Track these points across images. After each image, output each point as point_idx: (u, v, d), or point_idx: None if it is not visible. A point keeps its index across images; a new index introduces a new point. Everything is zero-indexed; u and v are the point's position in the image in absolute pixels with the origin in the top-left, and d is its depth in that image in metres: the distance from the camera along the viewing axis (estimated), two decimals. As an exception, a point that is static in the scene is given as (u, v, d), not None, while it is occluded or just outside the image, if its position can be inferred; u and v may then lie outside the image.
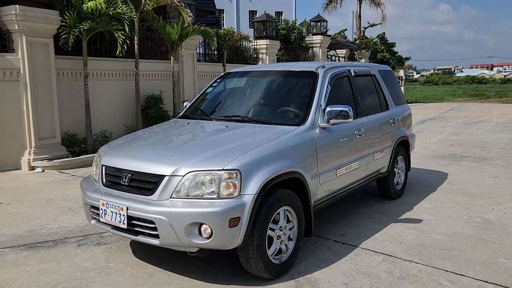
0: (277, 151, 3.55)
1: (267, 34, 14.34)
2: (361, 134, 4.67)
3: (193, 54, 11.61)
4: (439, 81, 74.08)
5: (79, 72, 8.97)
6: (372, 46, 24.74)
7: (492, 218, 5.03)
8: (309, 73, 4.48)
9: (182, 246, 3.21)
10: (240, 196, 3.17)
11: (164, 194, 3.20)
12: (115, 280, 3.53)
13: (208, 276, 3.57)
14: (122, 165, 3.51)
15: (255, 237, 3.26)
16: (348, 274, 3.61)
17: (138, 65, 9.80)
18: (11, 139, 7.95)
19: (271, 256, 3.46)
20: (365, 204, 5.60)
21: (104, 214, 3.44)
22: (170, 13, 10.94)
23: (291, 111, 4.24)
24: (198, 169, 3.21)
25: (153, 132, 4.25)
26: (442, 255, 4.01)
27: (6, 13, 7.71)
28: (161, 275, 3.60)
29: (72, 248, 4.21)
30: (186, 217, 3.08)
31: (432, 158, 8.79)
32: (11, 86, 7.88)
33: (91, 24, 8.29)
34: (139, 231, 3.28)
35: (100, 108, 9.45)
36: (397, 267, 3.75)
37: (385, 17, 26.77)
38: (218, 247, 3.21)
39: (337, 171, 4.26)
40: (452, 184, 6.62)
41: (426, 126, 14.63)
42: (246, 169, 3.23)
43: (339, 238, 4.41)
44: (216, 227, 3.07)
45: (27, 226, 4.86)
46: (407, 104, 6.37)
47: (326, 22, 17.77)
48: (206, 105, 4.82)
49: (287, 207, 3.58)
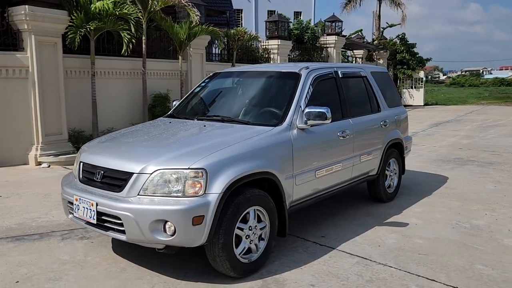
0: (248, 151, 3.58)
1: (279, 34, 14.33)
2: (345, 136, 4.65)
3: (201, 54, 11.72)
4: (465, 83, 72.19)
5: (87, 71, 9.18)
6: (391, 46, 24.37)
7: (481, 224, 4.94)
8: (291, 74, 4.50)
9: (148, 243, 3.28)
10: (205, 195, 3.22)
11: (132, 191, 3.28)
12: (88, 273, 3.64)
13: (178, 273, 3.63)
14: (97, 162, 3.61)
15: (221, 236, 3.30)
16: (318, 276, 3.62)
17: (145, 64, 9.97)
18: (19, 135, 8.21)
19: (239, 255, 3.49)
20: (354, 206, 5.57)
21: (77, 209, 3.54)
22: (180, 13, 11.07)
23: (270, 112, 4.26)
24: (165, 167, 3.27)
25: (135, 131, 4.35)
26: (419, 260, 3.96)
27: (16, 13, 7.96)
28: (133, 270, 3.68)
29: (56, 242, 4.34)
30: (150, 214, 3.15)
31: (436, 161, 8.64)
32: (20, 83, 8.13)
33: (98, 24, 8.49)
34: (108, 226, 3.37)
35: (107, 106, 9.65)
36: (368, 270, 3.73)
37: (405, 18, 26.34)
38: (182, 245, 3.27)
39: (316, 173, 4.26)
40: (449, 189, 6.50)
41: (440, 129, 14.36)
42: (212, 168, 3.28)
43: (319, 240, 4.41)
44: (179, 224, 3.13)
45: (19, 219, 5.03)
46: (403, 107, 6.29)
47: (341, 22, 17.63)
48: (191, 105, 4.89)
49: (258, 207, 3.61)
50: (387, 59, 24.83)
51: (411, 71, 26.24)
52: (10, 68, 8.00)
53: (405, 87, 26.95)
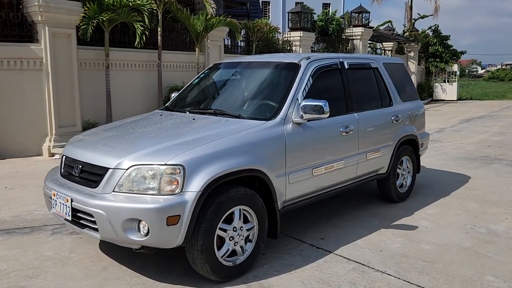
0: (233, 146, 3.34)
1: (302, 25, 13.94)
2: (348, 132, 4.33)
3: (220, 46, 11.52)
4: (505, 77, 69.08)
5: (101, 63, 9.15)
6: (422, 39, 23.44)
7: (499, 230, 4.52)
8: (291, 65, 4.21)
9: (121, 242, 3.11)
10: (182, 193, 3.01)
11: (108, 187, 3.11)
12: (68, 271, 3.50)
13: (160, 274, 3.44)
14: (77, 156, 3.46)
15: (200, 237, 3.09)
16: (307, 282, 3.35)
17: (161, 56, 9.86)
18: (34, 126, 8.26)
19: (222, 258, 3.27)
20: (362, 206, 5.24)
21: (55, 205, 3.41)
22: (198, 4, 10.90)
23: (265, 105, 3.99)
24: (141, 162, 3.08)
25: (125, 124, 4.17)
26: (422, 268, 3.62)
27: (30, 4, 7.97)
28: (114, 270, 3.52)
29: (45, 236, 4.24)
30: (123, 212, 2.97)
31: (460, 159, 8.14)
32: (34, 75, 8.17)
33: (111, 15, 8.41)
34: (84, 224, 3.21)
35: (121, 98, 9.60)
36: (364, 278, 3.43)
37: (438, 8, 25.29)
38: (157, 245, 3.07)
39: (314, 171, 3.97)
40: (470, 189, 6.06)
41: (470, 125, 13.65)
42: (191, 165, 3.06)
43: (316, 242, 4.13)
44: (152, 224, 2.93)
45: (16, 211, 4.99)
46: (419, 101, 5.88)
47: (368, 14, 17.01)
48: (187, 97, 4.68)
49: (244, 206, 3.37)
50: (419, 51, 23.93)
51: (444, 64, 25.22)
52: (24, 60, 8.04)
53: (438, 81, 25.95)
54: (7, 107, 7.97)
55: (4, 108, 7.95)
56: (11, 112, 8.01)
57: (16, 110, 8.05)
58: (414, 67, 22.86)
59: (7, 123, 8.00)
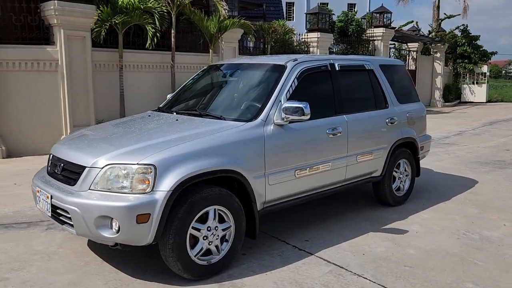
0: (208, 147, 3.39)
1: (319, 26, 13.87)
2: (336, 134, 4.31)
3: (234, 47, 11.60)
4: (543, 79, 66.51)
5: (115, 64, 9.39)
6: (449, 39, 22.84)
7: (493, 236, 4.39)
8: (277, 67, 4.22)
9: (95, 238, 3.21)
10: (152, 192, 3.09)
11: (84, 185, 3.22)
12: (52, 265, 3.64)
13: (138, 271, 3.53)
14: (60, 155, 3.60)
15: (171, 236, 3.16)
16: (280, 283, 3.37)
17: (174, 57, 10.03)
18: (49, 126, 8.56)
19: (196, 257, 3.32)
20: (356, 208, 5.19)
21: (39, 201, 3.55)
22: (212, 6, 11.01)
23: (249, 106, 4.02)
24: (115, 162, 3.18)
25: (112, 124, 4.30)
26: (401, 272, 3.57)
27: (47, 8, 8.28)
28: (96, 265, 3.64)
29: (39, 231, 4.41)
30: (95, 209, 3.07)
31: (473, 163, 7.91)
32: (50, 76, 8.47)
33: (124, 18, 8.63)
34: (63, 220, 3.34)
35: (135, 99, 9.81)
36: (338, 281, 3.41)
37: (467, 8, 24.59)
38: (128, 243, 3.16)
39: (296, 172, 3.97)
40: (474, 194, 5.90)
41: (492, 128, 13.23)
42: (163, 165, 3.13)
43: (300, 244, 4.13)
44: (122, 222, 3.02)
45: (19, 207, 5.20)
46: (420, 103, 5.76)
47: (390, 14, 16.73)
48: (178, 98, 4.77)
49: (219, 206, 3.41)
50: (446, 52, 23.33)
51: (473, 65, 24.53)
52: (41, 61, 8.36)
53: (466, 83, 25.25)
54: (24, 107, 8.30)
55: (22, 108, 8.29)
56: (28, 111, 8.34)
57: (32, 110, 8.38)
58: (440, 68, 22.32)
59: (24, 122, 8.33)
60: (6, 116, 8.20)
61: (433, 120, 15.63)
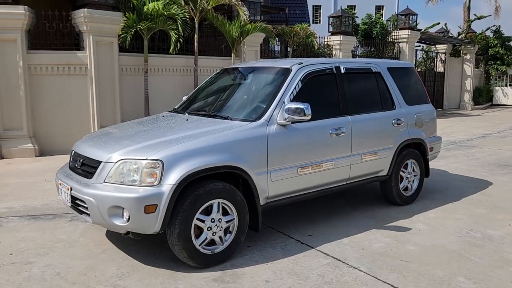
0: (214, 144, 3.66)
1: (342, 29, 13.97)
2: (339, 134, 4.50)
3: (256, 51, 11.88)
4: None
5: (141, 68, 9.84)
6: (480, 40, 22.36)
7: (495, 235, 4.47)
8: (282, 70, 4.46)
9: (108, 226, 3.54)
10: (159, 185, 3.38)
11: (99, 178, 3.55)
12: (72, 252, 3.99)
13: (149, 258, 3.83)
14: (80, 151, 3.96)
15: (177, 225, 3.44)
16: (278, 272, 3.59)
17: (197, 61, 10.40)
18: (79, 126, 9.05)
19: (200, 246, 3.59)
20: (363, 207, 5.34)
21: (60, 193, 3.92)
22: (235, 11, 11.32)
23: (255, 107, 4.27)
24: (127, 157, 3.49)
25: (129, 123, 4.64)
26: (396, 266, 3.73)
27: (77, 15, 8.80)
28: (111, 253, 3.97)
29: (63, 222, 4.80)
30: (108, 200, 3.39)
31: (490, 165, 7.88)
32: (80, 80, 8.99)
33: (149, 24, 9.05)
34: (81, 210, 3.68)
35: (159, 101, 10.22)
36: (334, 272, 3.61)
37: (498, 8, 24.00)
38: (138, 231, 3.46)
39: (299, 170, 4.18)
40: (485, 195, 5.93)
41: (520, 130, 12.97)
42: (170, 160, 3.42)
43: (303, 238, 4.33)
44: (132, 211, 3.33)
45: (47, 200, 5.63)
46: (430, 105, 5.84)
47: (415, 16, 16.60)
48: (193, 99, 5.06)
49: (223, 200, 3.67)
50: (477, 54, 22.84)
51: (506, 67, 23.91)
52: (71, 66, 8.88)
53: (498, 85, 24.63)
54: (56, 109, 8.84)
55: (53, 109, 8.83)
56: (59, 113, 8.88)
57: (63, 112, 8.91)
58: (470, 70, 21.88)
59: (57, 123, 8.87)
60: (39, 118, 8.76)
61: (460, 123, 15.45)
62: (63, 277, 3.49)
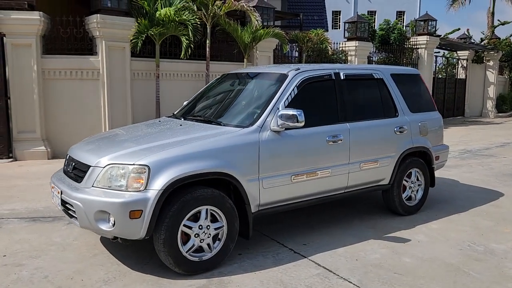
0: (203, 150, 3.62)
1: (358, 35, 13.81)
2: (336, 141, 4.40)
3: (269, 56, 11.84)
4: None
5: (152, 73, 9.93)
6: (504, 46, 21.77)
7: (499, 249, 4.29)
8: (279, 75, 4.40)
9: (95, 231, 3.54)
10: (145, 190, 3.36)
11: (88, 182, 3.55)
12: (64, 255, 4.01)
13: (138, 264, 3.81)
14: (73, 155, 3.98)
15: (163, 231, 3.41)
16: (265, 282, 3.52)
17: (209, 66, 10.43)
18: (91, 129, 9.15)
19: (187, 253, 3.55)
20: (364, 216, 5.21)
21: (53, 196, 3.95)
22: (248, 17, 11.32)
23: (249, 113, 4.21)
24: (115, 162, 3.49)
25: (125, 128, 4.67)
26: (389, 279, 3.61)
27: (90, 21, 8.96)
28: (103, 257, 3.97)
29: (61, 225, 4.84)
30: (94, 204, 3.39)
31: (505, 176, 7.61)
32: (93, 84, 9.13)
33: (160, 29, 9.14)
34: (71, 214, 3.69)
35: (170, 106, 10.24)
36: (323, 283, 3.52)
37: (524, 14, 23.24)
38: (123, 236, 3.45)
39: (292, 177, 4.11)
40: (495, 207, 5.72)
41: (542, 139, 12.52)
42: (156, 166, 3.41)
43: (297, 247, 4.25)
44: (117, 217, 3.32)
45: (50, 203, 5.67)
46: (436, 112, 5.68)
47: (434, 21, 16.27)
48: (191, 105, 5.04)
49: (212, 207, 3.63)
50: (502, 60, 22.24)
51: (531, 73, 23.22)
52: (84, 70, 9.03)
53: (524, 92, 23.91)
54: (68, 112, 9.00)
55: (67, 113, 8.99)
56: (72, 116, 9.03)
57: (76, 115, 9.06)
58: (494, 77, 21.31)
59: (69, 126, 9.01)
60: (52, 121, 8.93)
61: (481, 131, 15.04)
62: (50, 281, 3.51)
